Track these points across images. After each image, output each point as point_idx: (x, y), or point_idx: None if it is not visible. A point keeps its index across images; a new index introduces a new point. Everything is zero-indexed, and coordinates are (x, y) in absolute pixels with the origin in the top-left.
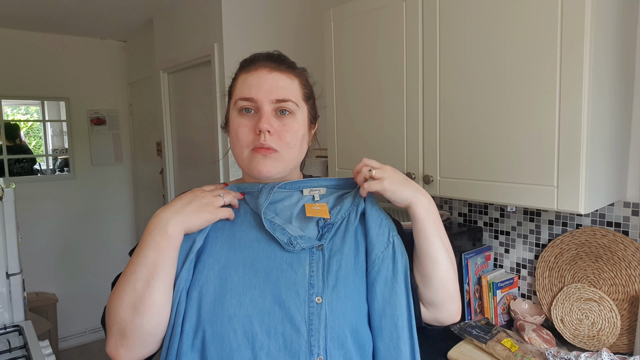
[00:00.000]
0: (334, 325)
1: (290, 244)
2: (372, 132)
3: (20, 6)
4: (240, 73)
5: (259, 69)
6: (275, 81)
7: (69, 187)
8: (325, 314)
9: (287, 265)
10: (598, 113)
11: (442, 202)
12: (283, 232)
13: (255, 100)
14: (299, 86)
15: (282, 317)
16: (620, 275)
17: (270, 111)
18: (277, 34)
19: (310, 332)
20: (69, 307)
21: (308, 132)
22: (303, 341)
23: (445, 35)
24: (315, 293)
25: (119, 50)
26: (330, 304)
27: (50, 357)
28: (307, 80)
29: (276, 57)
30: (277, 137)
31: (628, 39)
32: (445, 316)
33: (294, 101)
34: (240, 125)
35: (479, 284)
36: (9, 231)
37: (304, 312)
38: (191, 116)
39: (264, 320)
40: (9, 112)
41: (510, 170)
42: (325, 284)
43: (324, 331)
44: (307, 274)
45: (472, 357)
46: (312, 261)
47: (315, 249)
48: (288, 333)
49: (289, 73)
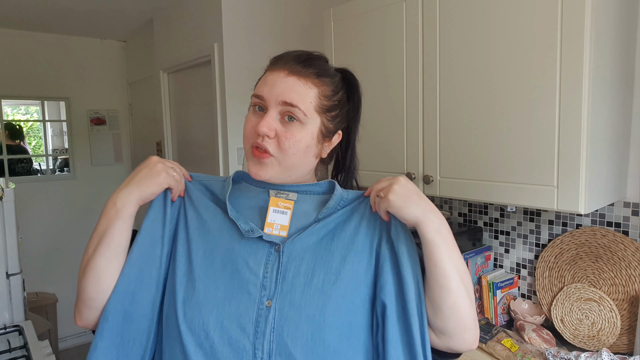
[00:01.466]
0: (282, 333)
1: (251, 231)
2: (372, 132)
3: (20, 6)
4: (267, 69)
5: (280, 69)
6: (291, 85)
7: (69, 187)
8: (273, 319)
9: (242, 261)
10: (598, 113)
11: (442, 202)
12: (246, 222)
13: (264, 100)
14: (316, 96)
15: (231, 313)
16: (620, 275)
17: (275, 114)
18: (277, 34)
19: (255, 334)
20: (69, 307)
21: (317, 145)
22: (248, 342)
23: (445, 35)
24: (266, 296)
25: (119, 50)
26: (281, 309)
27: (50, 357)
28: (335, 91)
29: (304, 59)
30: (275, 142)
31: (628, 39)
32: (458, 345)
33: (303, 110)
34: (248, 120)
35: (479, 284)
36: (9, 231)
37: (252, 312)
38: (191, 116)
39: (212, 312)
40: (9, 112)
41: (510, 170)
42: (277, 288)
43: (269, 336)
44: (260, 275)
45: (472, 357)
46: (269, 262)
47: (274, 249)
48: (234, 331)
49: (310, 80)
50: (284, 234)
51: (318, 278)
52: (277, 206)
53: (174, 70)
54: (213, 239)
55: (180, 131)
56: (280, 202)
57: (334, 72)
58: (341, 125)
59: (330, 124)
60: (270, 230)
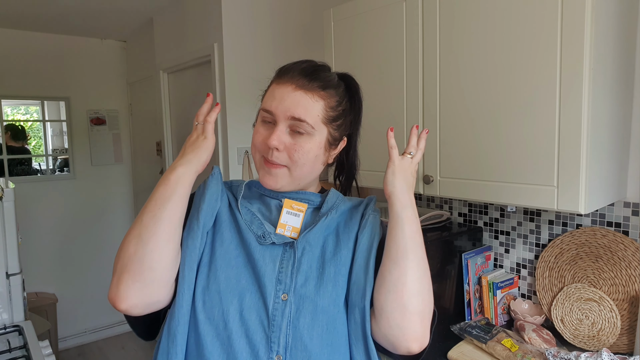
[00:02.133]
0: (298, 325)
1: (262, 237)
2: (372, 132)
3: (20, 6)
4: (274, 81)
5: (287, 83)
6: (297, 100)
7: (69, 187)
8: (290, 312)
9: (260, 256)
10: (598, 113)
11: (442, 202)
12: (260, 226)
13: (273, 114)
14: (322, 108)
15: (250, 305)
16: (620, 275)
17: (284, 128)
18: (277, 34)
19: (272, 327)
20: (69, 307)
21: (325, 153)
22: (264, 335)
23: (445, 35)
24: (281, 290)
25: (119, 50)
26: (297, 302)
27: (50, 357)
28: (339, 101)
29: (310, 72)
30: (286, 154)
31: (628, 39)
32: (396, 336)
33: (310, 124)
34: (258, 132)
35: (479, 284)
36: (9, 231)
37: (269, 306)
38: (191, 116)
39: (233, 302)
40: (9, 112)
41: (510, 170)
42: (293, 282)
43: (285, 329)
44: (276, 270)
45: (472, 357)
46: (284, 257)
47: (288, 246)
48: (252, 322)
49: (316, 93)
50: (295, 235)
51: (329, 270)
52: (290, 208)
53: (174, 70)
54: (235, 233)
55: (180, 131)
56: (294, 204)
57: (337, 82)
58: (346, 132)
59: (336, 132)
60: (282, 230)
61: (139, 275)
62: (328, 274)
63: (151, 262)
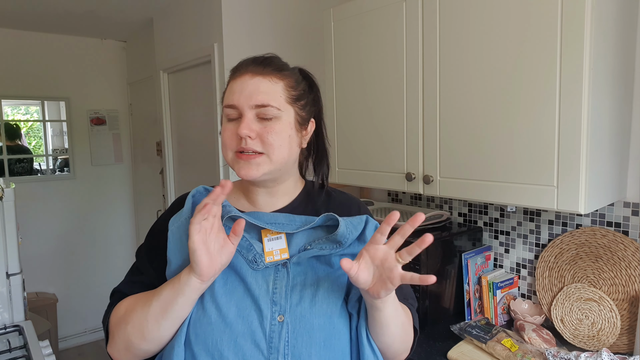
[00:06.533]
0: (296, 344)
1: (254, 261)
2: (372, 132)
3: (20, 6)
4: (229, 80)
5: (243, 75)
6: (257, 86)
7: (69, 187)
8: (287, 333)
9: (252, 279)
10: (598, 113)
11: (442, 202)
12: (249, 247)
13: (237, 107)
14: (283, 89)
15: (244, 330)
16: (620, 275)
17: (252, 117)
18: (277, 34)
19: (269, 350)
20: (69, 307)
21: (297, 134)
22: (262, 359)
23: (445, 35)
24: (277, 311)
25: (119, 50)
26: (293, 323)
27: (50, 357)
28: (297, 81)
29: (261, 60)
30: (259, 140)
31: (628, 39)
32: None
33: (275, 106)
34: (226, 130)
35: (479, 284)
36: (9, 231)
37: (265, 329)
38: (191, 116)
39: (225, 331)
40: (9, 112)
41: (510, 170)
42: (288, 302)
43: (283, 350)
44: (270, 291)
45: (472, 357)
46: (277, 278)
47: (281, 266)
48: (248, 348)
49: (273, 76)
50: (285, 255)
51: (323, 287)
52: (270, 234)
53: (174, 70)
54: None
55: (180, 131)
56: (269, 234)
57: (291, 67)
58: (312, 113)
59: (303, 112)
60: (271, 258)
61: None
62: (323, 292)
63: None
